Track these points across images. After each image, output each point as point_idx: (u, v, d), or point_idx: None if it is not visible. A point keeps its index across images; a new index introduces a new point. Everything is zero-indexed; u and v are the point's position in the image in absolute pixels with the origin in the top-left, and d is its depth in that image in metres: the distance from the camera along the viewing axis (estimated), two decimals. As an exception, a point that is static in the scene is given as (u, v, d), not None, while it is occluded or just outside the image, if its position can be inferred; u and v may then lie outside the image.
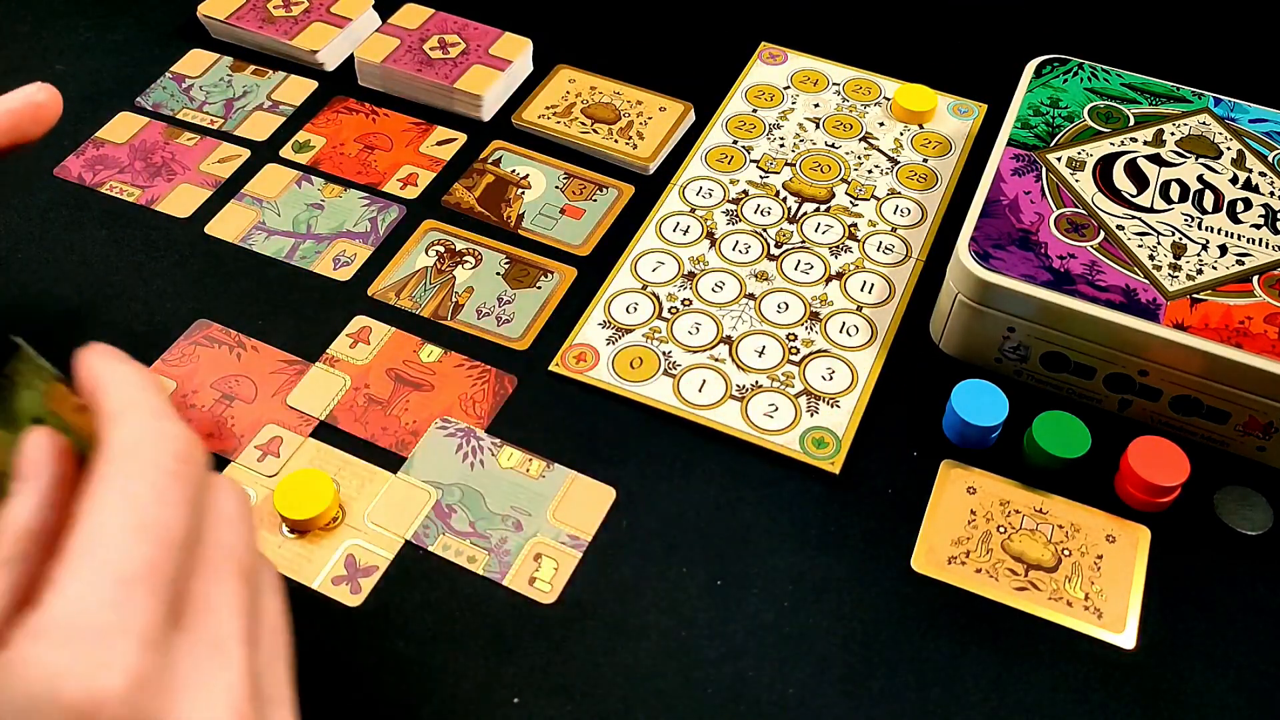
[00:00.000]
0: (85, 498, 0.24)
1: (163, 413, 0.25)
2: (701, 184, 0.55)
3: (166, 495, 0.24)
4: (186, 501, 0.24)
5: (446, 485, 0.43)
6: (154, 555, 0.23)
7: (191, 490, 0.25)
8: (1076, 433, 0.44)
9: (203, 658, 0.24)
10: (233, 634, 0.25)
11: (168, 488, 0.24)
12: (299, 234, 0.53)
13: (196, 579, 0.25)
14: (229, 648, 0.24)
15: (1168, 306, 0.43)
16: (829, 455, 0.44)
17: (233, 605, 0.25)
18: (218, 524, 0.26)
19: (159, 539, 0.23)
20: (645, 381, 0.46)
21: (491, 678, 0.38)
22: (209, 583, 0.25)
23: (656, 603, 0.40)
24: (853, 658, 0.39)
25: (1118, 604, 0.41)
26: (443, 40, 0.61)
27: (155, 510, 0.24)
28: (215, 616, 0.24)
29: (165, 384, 0.46)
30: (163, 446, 0.25)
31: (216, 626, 0.24)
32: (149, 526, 0.23)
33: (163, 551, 0.23)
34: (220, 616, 0.25)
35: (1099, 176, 0.48)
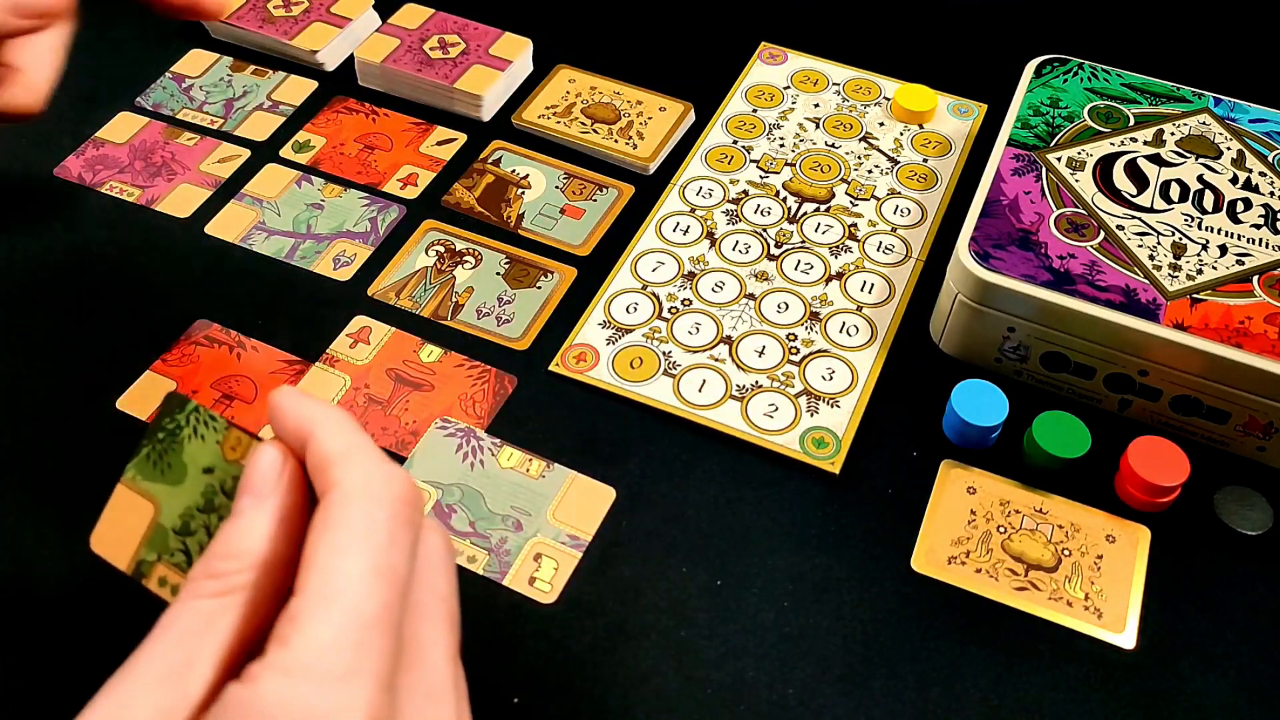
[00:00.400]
0: (320, 534, 0.24)
1: (383, 456, 0.25)
2: (701, 184, 0.55)
3: (397, 539, 0.24)
4: (411, 545, 0.25)
5: (446, 485, 0.43)
6: (388, 598, 0.23)
7: (415, 534, 0.25)
8: (1076, 433, 0.44)
9: (420, 701, 0.24)
10: (445, 681, 0.25)
11: (398, 532, 0.24)
12: (299, 234, 0.53)
13: (412, 622, 0.25)
14: (443, 694, 0.25)
15: (1168, 306, 0.43)
16: (829, 455, 0.44)
17: (444, 650, 0.25)
18: (429, 568, 0.26)
19: (391, 582, 0.24)
20: (645, 381, 0.46)
21: (491, 678, 0.38)
22: (423, 626, 0.25)
23: (656, 603, 0.40)
24: (853, 658, 0.39)
25: (1118, 604, 0.41)
26: (443, 40, 0.61)
27: (389, 554, 0.24)
28: (430, 664, 0.25)
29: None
30: (392, 490, 0.25)
31: (432, 674, 0.25)
32: (385, 571, 0.23)
33: (395, 595, 0.24)
34: (435, 664, 0.25)
35: (1099, 176, 0.48)
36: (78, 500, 0.42)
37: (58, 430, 0.45)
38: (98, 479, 0.43)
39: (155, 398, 0.46)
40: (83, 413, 0.45)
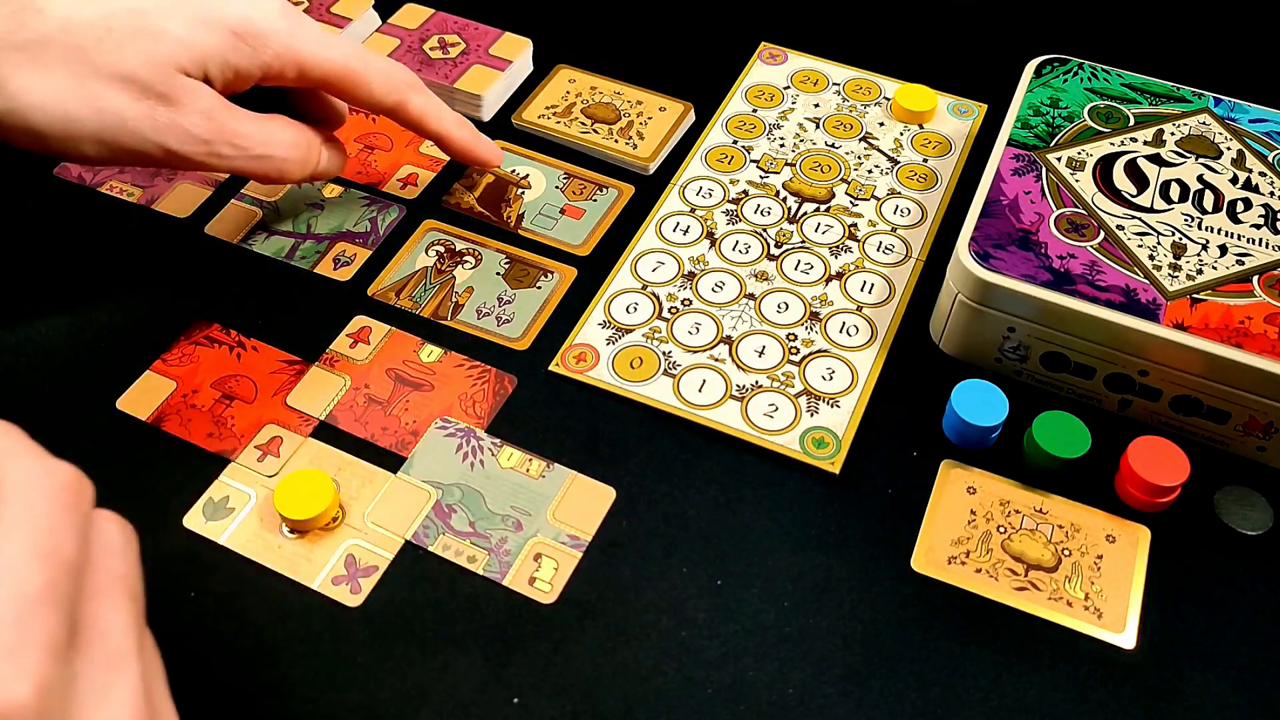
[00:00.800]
0: None
1: (44, 453, 0.28)
2: (701, 184, 0.55)
3: (59, 524, 0.26)
4: (77, 529, 0.27)
5: (446, 485, 0.43)
6: (52, 576, 0.25)
7: (80, 519, 0.27)
8: (1076, 433, 0.44)
9: (101, 670, 0.26)
10: (127, 648, 0.27)
11: (60, 517, 0.26)
12: (299, 234, 0.53)
13: (89, 601, 0.27)
14: (124, 660, 0.27)
15: (1168, 306, 0.43)
16: (829, 455, 0.44)
17: (124, 623, 0.27)
18: (105, 552, 0.28)
19: (56, 563, 0.26)
20: (645, 381, 0.47)
21: (491, 678, 0.38)
22: (101, 604, 0.27)
23: (656, 603, 0.40)
24: (853, 658, 0.39)
25: (1118, 604, 0.41)
26: (443, 40, 0.61)
27: (50, 537, 0.26)
28: (110, 633, 0.27)
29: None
30: (53, 481, 0.27)
31: (112, 642, 0.27)
32: (47, 552, 0.26)
33: (60, 573, 0.26)
34: (114, 633, 0.27)
35: (1099, 176, 0.48)
36: (78, 500, 0.42)
37: (58, 430, 0.45)
38: (98, 479, 0.43)
39: (155, 398, 0.46)
40: (83, 413, 0.45)
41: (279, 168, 0.45)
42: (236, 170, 0.44)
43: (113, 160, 0.42)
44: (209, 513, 0.42)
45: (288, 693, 0.38)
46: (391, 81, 0.47)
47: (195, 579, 0.40)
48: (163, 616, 0.39)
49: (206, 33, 0.41)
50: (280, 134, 0.45)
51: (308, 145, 0.46)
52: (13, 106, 0.40)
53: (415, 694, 0.38)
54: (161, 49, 0.41)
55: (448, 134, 0.50)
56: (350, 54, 0.45)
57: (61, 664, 0.25)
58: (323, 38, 0.44)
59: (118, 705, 0.26)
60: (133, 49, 0.40)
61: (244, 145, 0.43)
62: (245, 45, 0.42)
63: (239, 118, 0.43)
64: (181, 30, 0.41)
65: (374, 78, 0.46)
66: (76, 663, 0.26)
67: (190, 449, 0.44)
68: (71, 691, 0.25)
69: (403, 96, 0.47)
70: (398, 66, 0.48)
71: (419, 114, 0.48)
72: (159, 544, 0.41)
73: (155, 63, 0.40)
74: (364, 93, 0.46)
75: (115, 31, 0.40)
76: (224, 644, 0.39)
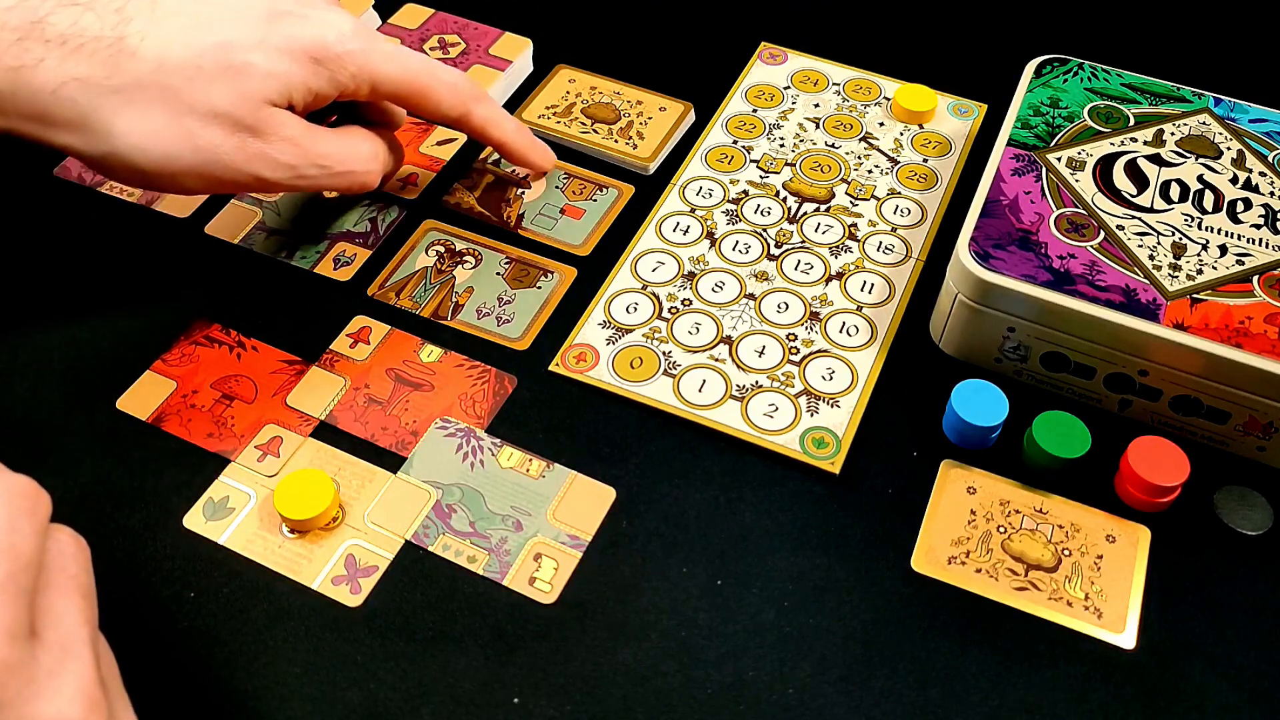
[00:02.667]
0: None
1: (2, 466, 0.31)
2: (701, 184, 0.55)
3: (16, 525, 0.29)
4: (34, 532, 0.30)
5: (446, 485, 0.43)
6: (10, 570, 0.28)
7: (37, 524, 0.30)
8: (1076, 433, 0.44)
9: (55, 656, 0.29)
10: (80, 638, 0.30)
11: (16, 519, 0.29)
12: (299, 234, 0.52)
13: (45, 597, 0.30)
14: (77, 648, 0.29)
15: (1168, 306, 0.43)
16: (829, 455, 0.44)
17: (76, 617, 0.30)
18: (60, 556, 0.31)
19: (13, 558, 0.29)
20: (645, 381, 0.47)
21: (491, 678, 0.38)
22: (55, 599, 0.30)
23: (656, 603, 0.40)
24: (853, 658, 0.39)
25: (1118, 604, 0.41)
26: (443, 40, 0.61)
27: (9, 536, 0.29)
28: (63, 624, 0.30)
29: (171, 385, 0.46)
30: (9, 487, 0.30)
31: (65, 631, 0.29)
32: (4, 549, 0.29)
33: (17, 568, 0.29)
34: (67, 624, 0.30)
35: (1099, 176, 0.48)
36: (77, 500, 0.42)
37: (58, 430, 0.45)
38: (98, 479, 0.43)
39: (156, 398, 0.46)
40: (83, 413, 0.45)
41: (361, 180, 0.47)
42: (322, 188, 0.46)
43: (208, 190, 0.45)
44: (209, 513, 0.42)
45: (288, 693, 0.38)
46: (457, 93, 0.48)
47: (195, 579, 0.40)
48: (163, 616, 0.40)
49: (289, 62, 0.43)
50: (358, 148, 0.46)
51: (383, 153, 0.48)
52: (115, 148, 0.41)
53: (415, 694, 0.38)
54: (249, 84, 0.42)
55: (508, 141, 0.51)
56: (420, 69, 0.47)
57: (19, 648, 0.28)
58: (393, 54, 0.46)
59: (70, 687, 0.28)
60: (222, 85, 0.42)
61: (328, 165, 0.45)
62: (324, 69, 0.44)
63: (321, 139, 0.45)
64: (266, 63, 0.42)
65: (441, 90, 0.48)
66: (33, 648, 0.28)
67: (190, 449, 0.44)
68: (28, 672, 0.28)
69: (467, 108, 0.49)
70: (463, 78, 0.49)
71: (482, 123, 0.50)
72: (159, 544, 0.41)
73: (244, 97, 0.42)
74: (431, 105, 0.48)
75: (205, 70, 0.41)
76: (224, 644, 0.39)
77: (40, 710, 0.28)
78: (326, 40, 0.43)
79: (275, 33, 0.43)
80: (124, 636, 0.35)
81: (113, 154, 0.42)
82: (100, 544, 0.34)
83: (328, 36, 0.44)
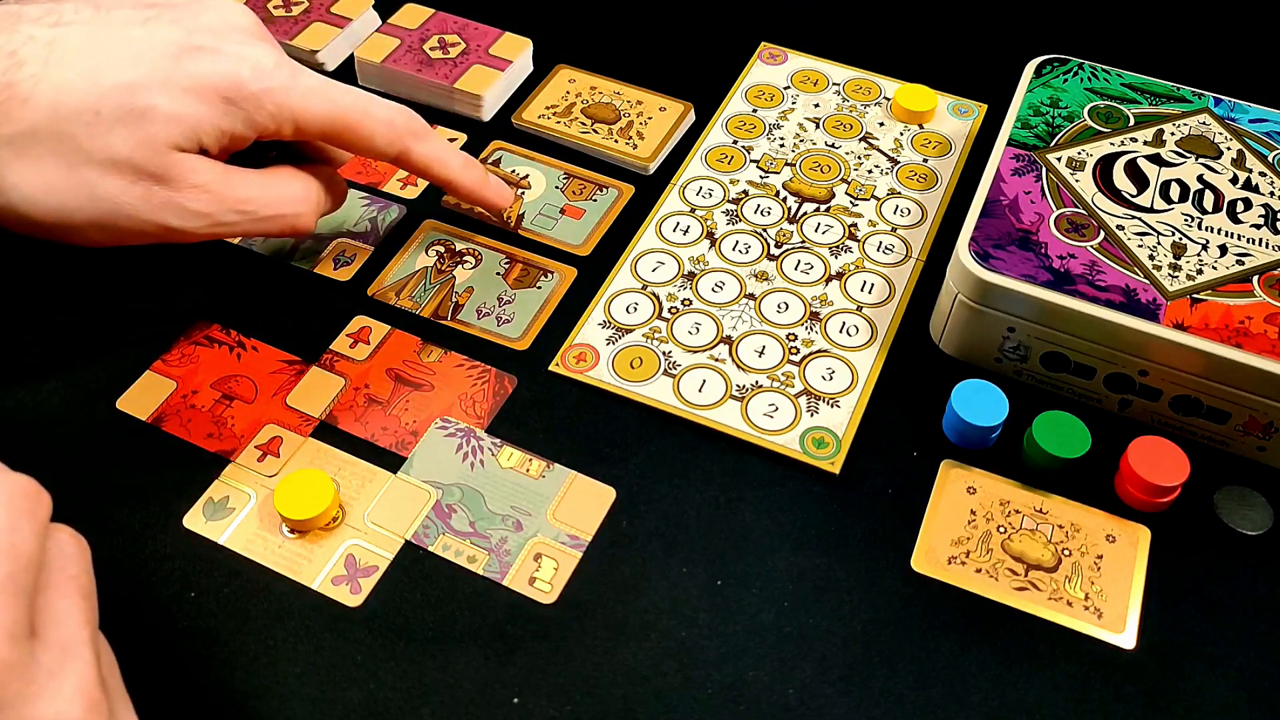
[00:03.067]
0: None
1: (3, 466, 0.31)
2: (701, 184, 0.55)
3: (17, 525, 0.29)
4: (34, 532, 0.30)
5: (446, 485, 0.43)
6: (11, 569, 0.28)
7: (37, 524, 0.30)
8: (1076, 433, 0.44)
9: (55, 655, 0.29)
10: (80, 638, 0.30)
11: (17, 519, 0.29)
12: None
13: (45, 597, 0.30)
14: (77, 647, 0.29)
15: (1168, 306, 0.43)
16: (829, 455, 0.44)
17: (77, 617, 0.30)
18: (61, 556, 0.31)
19: (14, 558, 0.29)
20: (645, 381, 0.47)
21: (491, 678, 0.38)
22: (56, 600, 0.30)
23: (656, 603, 0.40)
24: (853, 658, 0.39)
25: (1118, 604, 0.41)
26: (443, 40, 0.61)
27: (8, 536, 0.29)
28: (63, 624, 0.30)
29: (166, 383, 0.46)
30: (10, 488, 0.30)
31: (65, 631, 0.30)
32: (5, 549, 0.28)
33: (17, 567, 0.28)
34: (68, 624, 0.30)
35: (1099, 176, 0.48)
36: (77, 500, 0.42)
37: (58, 430, 0.45)
38: (98, 479, 0.43)
39: (155, 398, 0.46)
40: (83, 413, 0.45)
41: (291, 224, 0.44)
42: (248, 234, 0.43)
43: (114, 241, 0.42)
44: (209, 513, 0.42)
45: (288, 693, 0.38)
46: (394, 130, 0.45)
47: (195, 579, 0.40)
48: (163, 616, 0.40)
49: (196, 103, 0.40)
50: (285, 189, 0.44)
51: (315, 194, 0.45)
52: (6, 201, 0.39)
53: (415, 694, 0.38)
54: (152, 129, 0.39)
55: (454, 179, 0.48)
56: (349, 106, 0.44)
57: (19, 647, 0.28)
58: (318, 90, 0.43)
59: (70, 687, 0.28)
60: (122, 132, 0.39)
61: (250, 210, 0.42)
62: (238, 109, 0.41)
63: (239, 183, 0.42)
64: (171, 105, 0.39)
65: (375, 128, 0.44)
66: (33, 648, 0.28)
67: (190, 449, 0.44)
68: (28, 672, 0.28)
69: (405, 145, 0.46)
70: (402, 113, 0.46)
71: (423, 161, 0.47)
72: (159, 544, 0.41)
73: (146, 144, 0.39)
74: (364, 144, 0.45)
75: (104, 115, 0.39)
76: (224, 644, 0.39)
77: (40, 710, 0.28)
78: (241, 78, 0.41)
79: (182, 72, 0.40)
80: (124, 636, 0.35)
81: (5, 206, 0.39)
82: (100, 544, 0.34)
83: (242, 74, 0.41)
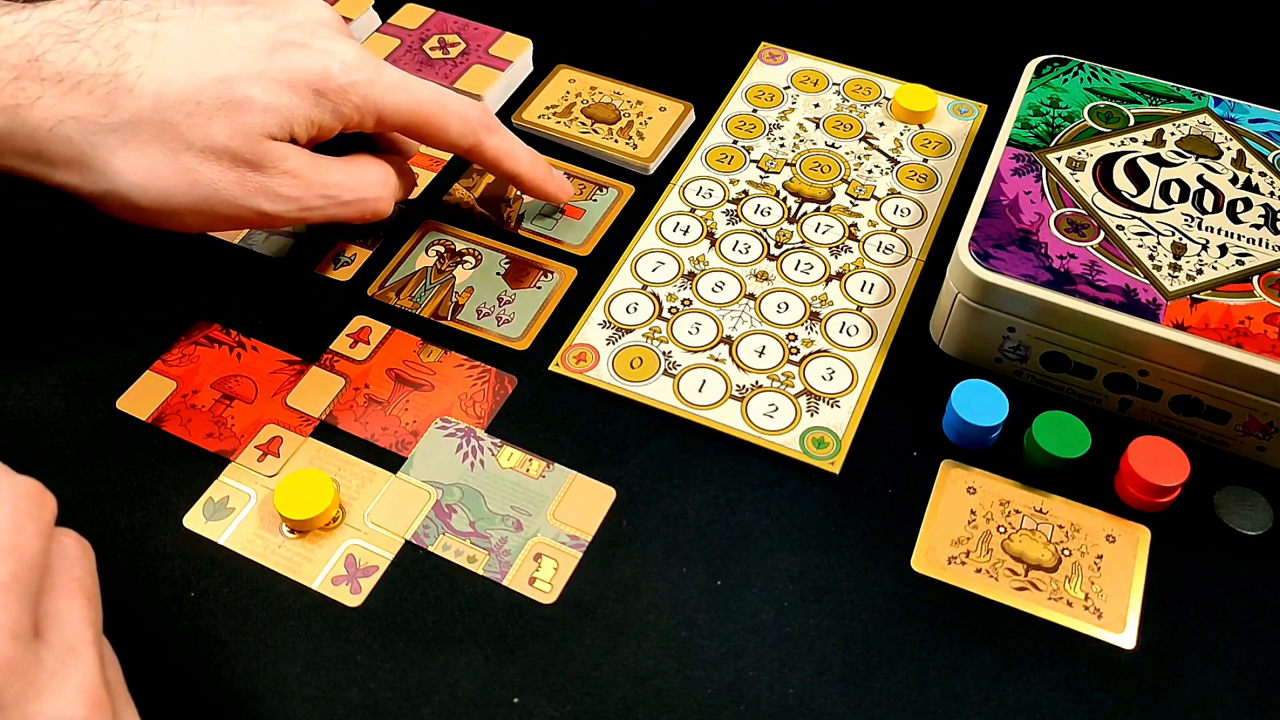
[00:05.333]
0: None
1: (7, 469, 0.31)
2: (701, 184, 0.55)
3: (22, 526, 0.30)
4: (39, 534, 0.30)
5: (446, 485, 0.43)
6: (15, 569, 0.29)
7: (42, 526, 0.30)
8: (1076, 433, 0.44)
9: (59, 656, 0.29)
10: (84, 639, 0.30)
11: (22, 521, 0.30)
12: (299, 234, 0.52)
13: (49, 599, 0.30)
14: (81, 648, 0.30)
15: (1168, 306, 0.43)
16: (829, 455, 0.44)
17: (81, 618, 0.30)
18: (65, 559, 0.32)
19: (18, 558, 0.29)
20: (645, 381, 0.47)
21: (491, 678, 0.38)
22: (60, 601, 0.30)
23: (656, 603, 0.40)
24: (853, 658, 0.39)
25: (1118, 604, 0.41)
26: (443, 40, 0.61)
27: (13, 537, 0.29)
28: (67, 625, 0.30)
29: (166, 383, 0.46)
30: (15, 490, 0.30)
31: (69, 632, 0.30)
32: (10, 550, 0.29)
33: (22, 568, 0.29)
34: (71, 625, 0.30)
35: (1099, 176, 0.48)
36: (77, 500, 0.42)
37: (58, 430, 0.45)
38: (98, 479, 0.43)
39: (155, 398, 0.46)
40: (83, 413, 0.45)
41: (373, 208, 0.46)
42: (332, 218, 0.45)
43: (210, 226, 0.44)
44: (209, 513, 0.42)
45: (288, 693, 0.38)
46: (468, 124, 0.47)
47: (195, 579, 0.41)
48: (163, 616, 0.40)
49: (289, 94, 0.42)
50: (366, 175, 0.46)
51: (393, 179, 0.47)
52: (112, 187, 0.41)
53: (415, 694, 0.38)
54: (248, 119, 0.42)
55: (522, 173, 0.50)
56: (428, 100, 0.46)
57: (23, 647, 0.28)
58: (400, 84, 0.45)
59: (73, 687, 0.29)
60: (221, 121, 0.41)
61: (335, 194, 0.45)
62: (327, 100, 0.43)
63: (326, 169, 0.44)
64: (266, 96, 0.42)
65: (451, 121, 0.47)
66: (37, 648, 0.29)
67: (190, 449, 0.44)
68: (32, 671, 0.28)
69: (478, 139, 0.48)
70: (475, 108, 0.48)
71: (494, 155, 0.49)
72: (159, 544, 0.41)
73: (243, 132, 0.41)
74: (440, 136, 0.47)
75: (204, 105, 0.41)
76: (224, 644, 0.39)
77: (43, 709, 0.28)
78: (330, 71, 0.43)
79: (276, 65, 0.42)
80: (124, 636, 0.35)
81: (111, 192, 0.41)
82: (100, 544, 0.34)
83: (331, 67, 0.43)
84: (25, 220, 0.53)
